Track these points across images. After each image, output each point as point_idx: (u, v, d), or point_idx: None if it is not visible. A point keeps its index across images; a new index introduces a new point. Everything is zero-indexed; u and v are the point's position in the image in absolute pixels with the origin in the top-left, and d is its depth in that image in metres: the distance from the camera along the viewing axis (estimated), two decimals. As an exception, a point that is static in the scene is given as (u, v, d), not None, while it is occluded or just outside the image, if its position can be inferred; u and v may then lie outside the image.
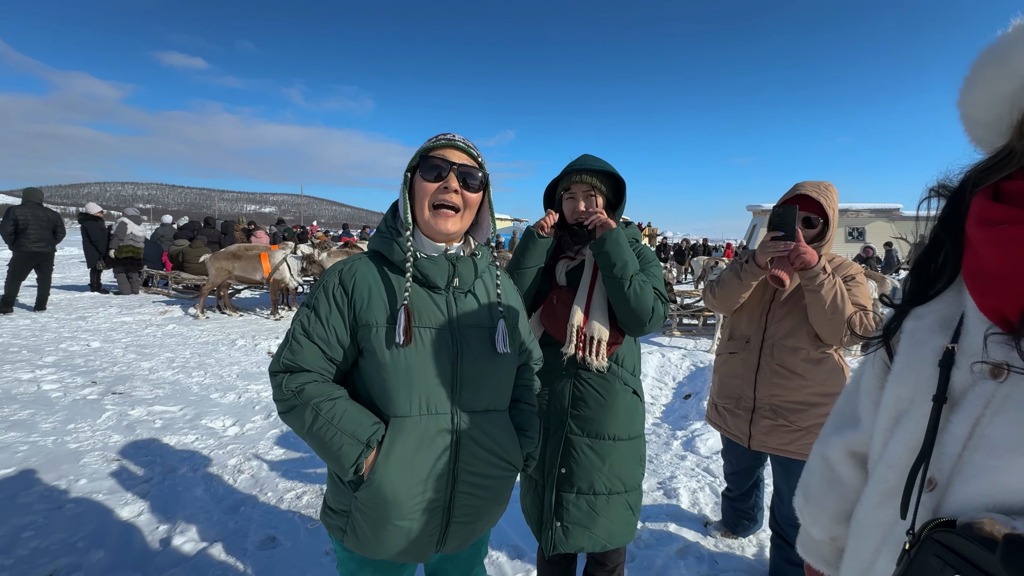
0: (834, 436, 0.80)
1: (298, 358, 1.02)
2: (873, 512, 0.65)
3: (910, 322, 0.67)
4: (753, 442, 1.96)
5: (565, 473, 1.52)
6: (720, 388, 2.12)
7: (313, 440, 0.99)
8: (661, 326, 1.47)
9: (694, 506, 2.72)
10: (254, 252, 7.88)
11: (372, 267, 1.08)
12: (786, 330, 1.88)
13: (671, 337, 7.10)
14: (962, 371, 0.58)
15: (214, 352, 5.64)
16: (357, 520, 1.02)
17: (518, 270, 1.58)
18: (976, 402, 0.55)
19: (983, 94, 0.58)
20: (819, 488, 0.80)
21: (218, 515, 2.49)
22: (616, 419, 1.52)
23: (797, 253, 1.69)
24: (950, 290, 0.65)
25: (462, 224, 1.10)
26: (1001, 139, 0.59)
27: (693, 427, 3.77)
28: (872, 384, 0.73)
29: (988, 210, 0.57)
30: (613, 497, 1.52)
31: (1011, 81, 0.55)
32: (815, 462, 0.82)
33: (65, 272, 12.48)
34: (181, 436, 3.38)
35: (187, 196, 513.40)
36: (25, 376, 4.46)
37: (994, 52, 0.56)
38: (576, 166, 1.55)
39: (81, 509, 2.47)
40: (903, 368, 0.64)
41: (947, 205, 0.65)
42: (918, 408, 0.61)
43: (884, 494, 0.64)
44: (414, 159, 1.08)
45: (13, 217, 7.24)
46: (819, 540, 0.80)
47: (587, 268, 1.56)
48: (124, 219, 9.56)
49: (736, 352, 2.02)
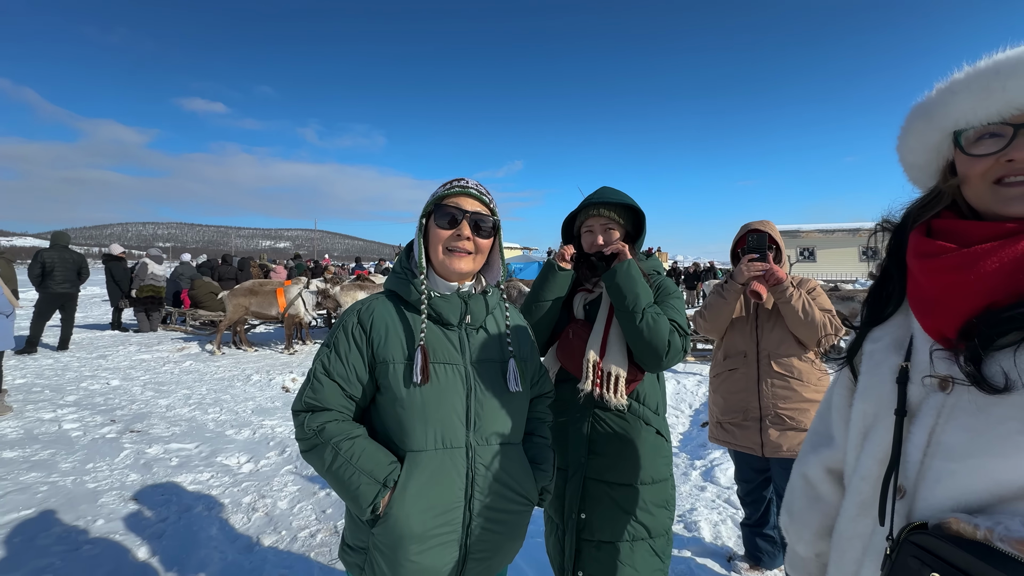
0: (811, 455, 0.83)
1: (319, 397, 1.05)
2: (852, 524, 0.69)
3: (868, 344, 0.73)
4: (766, 449, 2.06)
5: (585, 518, 1.43)
6: (724, 405, 2.22)
7: (332, 479, 1.01)
8: (681, 360, 1.43)
9: (716, 539, 2.63)
10: (270, 288, 8.04)
11: (389, 306, 1.12)
12: (777, 339, 2.11)
13: (685, 363, 6.99)
14: (916, 385, 0.63)
15: (229, 388, 5.70)
16: (375, 557, 1.02)
17: (537, 302, 1.53)
18: (930, 413, 0.61)
19: (915, 142, 0.67)
20: (801, 506, 0.83)
21: (232, 555, 2.47)
22: (639, 463, 1.43)
23: (771, 271, 2.03)
24: (900, 314, 0.71)
25: (474, 265, 1.14)
26: (932, 180, 0.68)
27: (712, 456, 3.68)
28: (841, 403, 0.78)
29: (921, 245, 0.65)
30: (638, 544, 1.41)
31: (936, 133, 0.64)
32: (796, 481, 0.86)
33: (87, 311, 12.80)
34: (197, 474, 3.39)
35: (205, 234, 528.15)
36: (47, 416, 4.54)
37: (922, 108, 0.65)
38: (594, 199, 1.52)
39: (98, 550, 2.48)
40: (866, 386, 0.70)
41: (892, 239, 0.74)
42: (882, 422, 0.66)
43: (860, 506, 0.68)
44: (429, 205, 1.13)
45: (41, 260, 7.52)
46: (805, 557, 0.83)
47: (604, 301, 1.50)
48: (145, 259, 9.85)
49: (736, 368, 2.18)
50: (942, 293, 0.61)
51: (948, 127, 0.62)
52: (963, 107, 0.60)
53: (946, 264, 0.60)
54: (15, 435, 4.04)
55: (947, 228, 0.64)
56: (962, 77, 0.60)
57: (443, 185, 1.15)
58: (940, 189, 0.67)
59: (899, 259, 0.70)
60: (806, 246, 26.68)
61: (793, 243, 26.40)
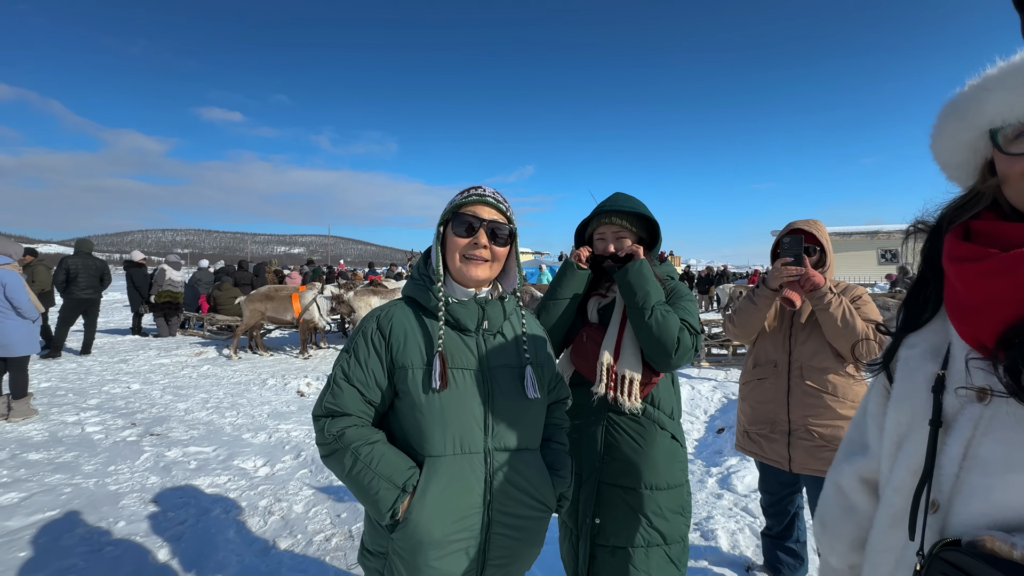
0: (845, 463, 0.80)
1: (339, 402, 1.06)
2: (884, 537, 0.67)
3: (904, 351, 0.70)
4: (794, 464, 1.96)
5: (599, 524, 1.42)
6: (752, 415, 2.12)
7: (352, 483, 1.02)
8: (691, 359, 1.42)
9: (734, 548, 2.59)
10: (285, 293, 8.16)
11: (408, 312, 1.13)
12: (812, 351, 1.97)
13: (700, 368, 6.91)
14: (952, 395, 0.60)
15: (246, 392, 5.78)
16: (395, 562, 1.03)
17: (553, 299, 1.53)
18: (966, 424, 0.58)
19: (949, 141, 0.63)
20: (835, 516, 0.80)
21: (249, 558, 2.50)
22: (654, 467, 1.42)
23: (807, 276, 1.86)
24: (937, 320, 0.68)
25: (491, 272, 1.15)
26: (972, 179, 0.64)
27: (728, 463, 3.62)
28: (876, 410, 0.75)
29: (956, 248, 0.61)
30: (652, 550, 1.40)
31: (971, 132, 0.60)
32: (829, 490, 0.83)
33: (108, 316, 13.10)
34: (214, 477, 3.44)
35: (221, 240, 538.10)
36: (71, 419, 4.65)
37: (954, 106, 0.61)
38: (606, 206, 1.51)
39: (120, 551, 2.52)
40: (900, 395, 0.67)
41: (927, 242, 0.69)
42: (917, 432, 0.63)
43: (892, 518, 0.65)
44: (446, 213, 1.14)
45: (65, 267, 7.72)
46: (838, 569, 0.80)
47: (618, 304, 1.50)
48: (164, 265, 10.08)
49: (765, 378, 2.07)
50: (980, 299, 0.58)
51: (983, 125, 0.58)
52: (998, 104, 0.56)
53: (984, 269, 0.57)
54: (40, 438, 4.15)
55: (986, 230, 0.61)
56: (995, 73, 0.57)
57: (460, 193, 1.16)
58: (978, 189, 0.63)
59: (935, 263, 0.67)
60: (823, 249, 26.14)
61: (809, 246, 25.90)
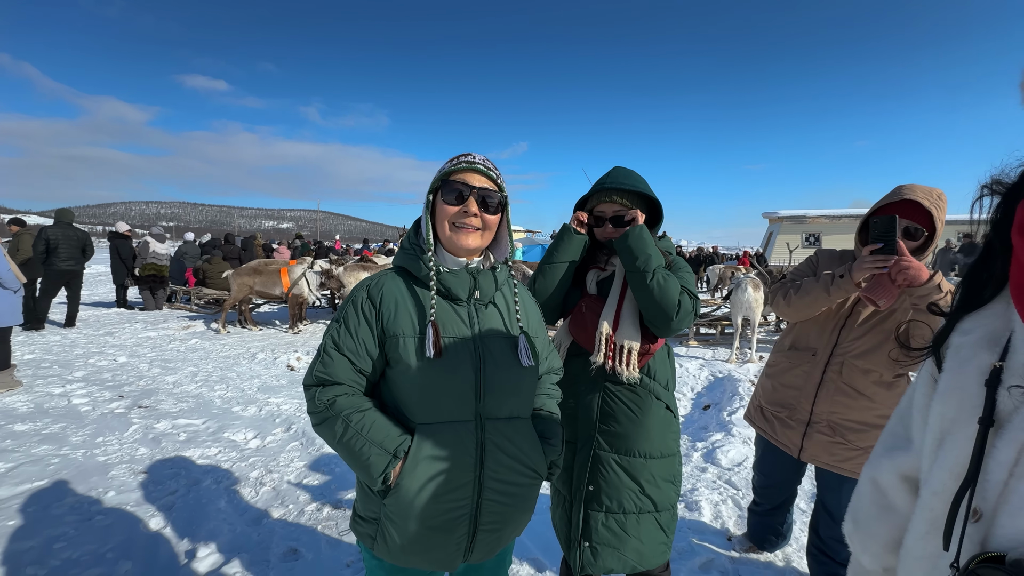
0: (885, 459, 0.74)
1: (329, 371, 1.05)
2: (920, 543, 0.60)
3: (956, 336, 0.62)
4: (804, 454, 1.86)
5: (593, 491, 1.46)
6: (772, 395, 1.99)
7: (343, 450, 1.02)
8: (690, 323, 1.41)
9: (716, 519, 2.67)
10: (274, 267, 8.05)
11: (398, 281, 1.12)
12: (861, 350, 1.75)
13: (688, 347, 7.01)
14: (1007, 392, 0.53)
15: (235, 366, 5.75)
16: (387, 528, 1.04)
17: (550, 263, 1.51)
18: (1022, 426, 0.51)
19: None
20: (869, 514, 0.74)
21: (241, 527, 2.53)
22: (648, 436, 1.45)
23: (899, 268, 1.49)
24: (1000, 302, 0.59)
25: (482, 241, 1.13)
26: None
27: (713, 438, 3.71)
28: (923, 401, 0.67)
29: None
30: (644, 516, 1.45)
31: None
32: (865, 486, 0.77)
33: (93, 289, 12.88)
34: (205, 449, 3.44)
35: (208, 213, 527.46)
36: (56, 391, 4.61)
37: None
38: (606, 183, 1.48)
39: (110, 521, 2.53)
40: (948, 387, 0.60)
41: (999, 206, 0.59)
42: (962, 430, 0.56)
43: (930, 523, 0.59)
44: (436, 181, 1.12)
45: (45, 237, 7.50)
46: (871, 570, 0.75)
47: (618, 276, 1.50)
48: (148, 238, 9.86)
49: (798, 364, 1.90)
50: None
51: None
52: None
53: None
54: (25, 409, 4.10)
55: None
56: None
57: (450, 160, 1.13)
58: None
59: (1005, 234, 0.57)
60: (812, 231, 26.56)
61: (799, 228, 26.23)
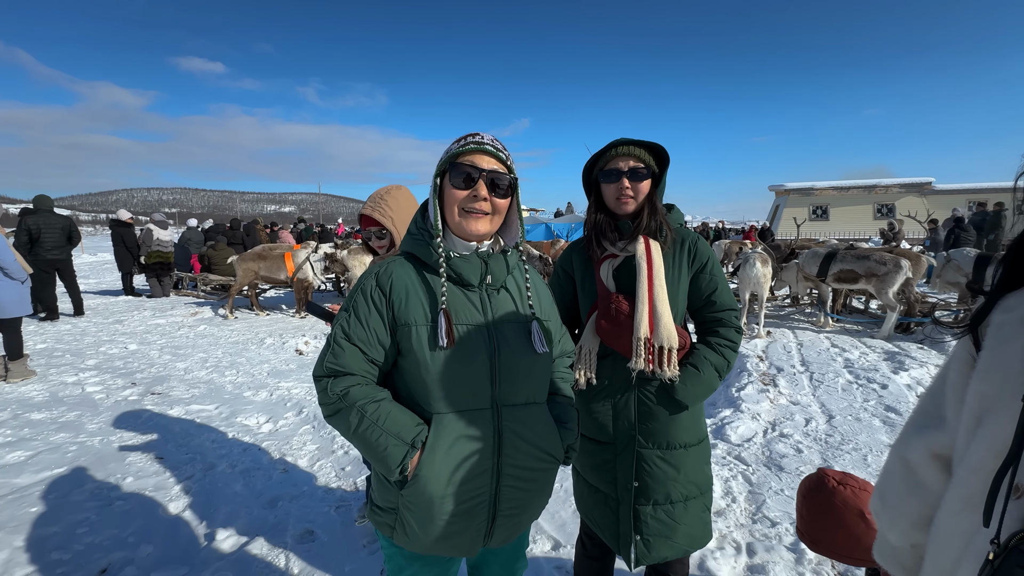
0: (915, 437, 0.74)
1: (341, 362, 1.03)
2: (954, 519, 0.62)
3: (998, 314, 0.61)
4: None
5: (640, 487, 1.45)
6: None
7: (359, 442, 1.01)
8: None
9: (727, 495, 2.69)
10: (278, 252, 8.04)
11: (408, 267, 1.08)
12: None
13: (695, 324, 6.98)
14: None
15: (244, 351, 5.80)
16: (405, 517, 1.03)
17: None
18: None
19: None
20: (898, 493, 0.75)
21: (257, 510, 2.57)
22: (685, 426, 1.45)
23: None
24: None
25: (492, 225, 1.09)
26: None
27: (722, 415, 3.71)
28: (957, 379, 0.67)
29: None
30: (691, 503, 1.46)
31: None
32: (895, 465, 0.77)
33: (100, 277, 12.96)
34: (218, 434, 3.49)
35: (210, 199, 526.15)
36: (70, 379, 4.67)
37: None
38: (617, 140, 1.43)
39: (129, 506, 2.58)
40: (989, 365, 0.60)
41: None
42: (1005, 409, 0.56)
43: (966, 500, 0.60)
44: (443, 164, 1.07)
45: (26, 226, 7.05)
46: (897, 547, 0.76)
47: (640, 269, 1.40)
48: (150, 225, 9.80)
49: None
50: None
51: None
52: None
53: None
54: (41, 398, 4.17)
55: None
56: None
57: (457, 141, 1.08)
58: None
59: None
60: (820, 204, 26.15)
61: (806, 201, 25.82)
